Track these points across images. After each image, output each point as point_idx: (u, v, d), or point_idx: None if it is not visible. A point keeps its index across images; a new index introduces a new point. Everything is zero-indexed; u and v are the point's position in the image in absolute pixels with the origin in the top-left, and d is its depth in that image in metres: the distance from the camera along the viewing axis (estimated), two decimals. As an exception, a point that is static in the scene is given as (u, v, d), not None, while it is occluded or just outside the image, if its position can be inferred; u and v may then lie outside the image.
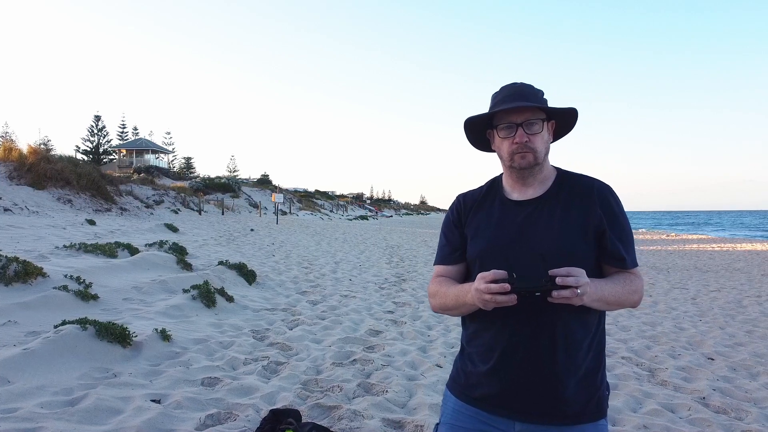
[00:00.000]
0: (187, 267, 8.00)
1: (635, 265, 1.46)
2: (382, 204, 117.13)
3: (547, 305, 1.28)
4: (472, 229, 1.53)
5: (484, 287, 1.26)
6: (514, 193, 1.53)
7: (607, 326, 6.44)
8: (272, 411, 2.96)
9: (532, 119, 1.45)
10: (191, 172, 77.93)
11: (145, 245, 9.86)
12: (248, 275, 7.88)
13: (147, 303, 5.84)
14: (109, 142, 70.29)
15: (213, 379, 3.78)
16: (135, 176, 39.96)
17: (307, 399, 3.53)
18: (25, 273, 5.55)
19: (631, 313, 7.46)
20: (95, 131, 69.46)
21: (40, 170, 20.14)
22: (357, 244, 17.94)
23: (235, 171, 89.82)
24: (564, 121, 1.54)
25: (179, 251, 9.71)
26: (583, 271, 1.26)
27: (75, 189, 20.94)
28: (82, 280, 5.80)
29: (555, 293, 1.22)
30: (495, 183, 1.60)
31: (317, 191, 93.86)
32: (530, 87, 1.51)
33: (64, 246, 8.11)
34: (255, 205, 42.32)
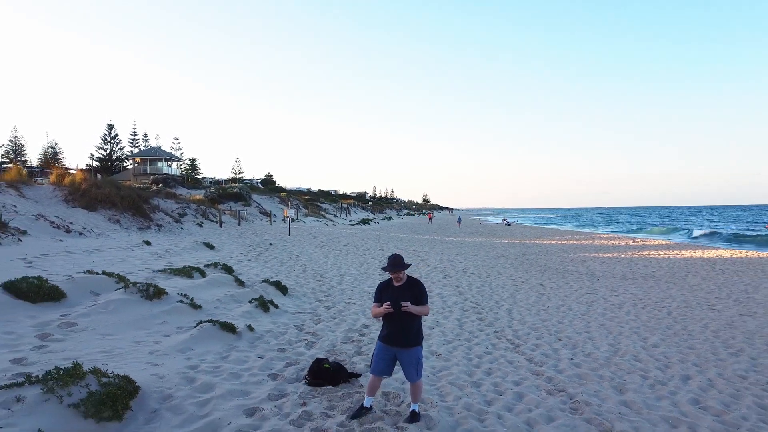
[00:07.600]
0: (241, 284, 11.83)
1: (426, 303, 5.27)
2: (384, 203, 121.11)
3: (403, 313, 5.08)
4: (383, 293, 5.34)
5: (384, 307, 5.08)
6: (395, 283, 5.34)
7: (514, 324, 10.30)
8: (316, 358, 6.78)
9: (401, 270, 5.27)
10: (197, 174, 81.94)
11: (204, 266, 13.69)
12: (283, 289, 11.70)
13: (228, 309, 9.66)
14: (121, 149, 74.45)
15: (282, 350, 7.58)
16: (154, 187, 44.14)
17: (330, 358, 7.34)
18: (158, 292, 9.36)
19: (537, 313, 11.26)
20: (108, 139, 73.50)
21: (92, 195, 24.05)
22: (358, 256, 21.77)
23: (240, 172, 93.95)
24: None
25: (229, 270, 13.58)
26: (409, 303, 5.07)
27: (119, 209, 24.84)
28: (188, 297, 9.61)
29: (403, 309, 5.04)
30: (390, 280, 5.40)
31: (320, 191, 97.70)
32: (400, 257, 5.32)
33: (158, 270, 11.96)
34: (265, 213, 46.26)
